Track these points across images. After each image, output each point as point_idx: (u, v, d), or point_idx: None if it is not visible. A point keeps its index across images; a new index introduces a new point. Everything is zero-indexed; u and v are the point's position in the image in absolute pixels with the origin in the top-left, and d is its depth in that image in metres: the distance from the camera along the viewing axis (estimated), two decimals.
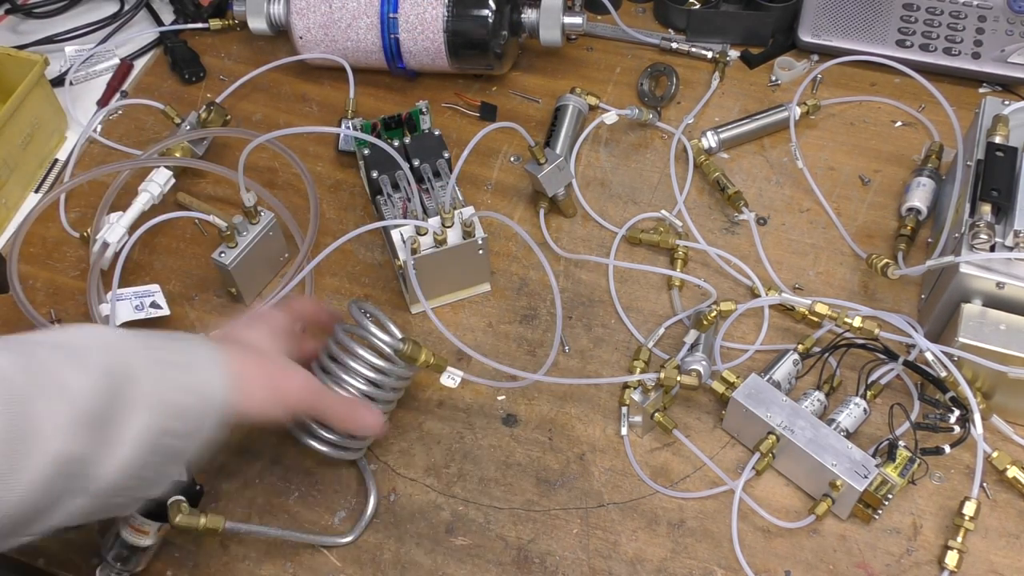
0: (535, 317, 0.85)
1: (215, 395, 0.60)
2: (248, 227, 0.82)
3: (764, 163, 0.95)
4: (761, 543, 0.72)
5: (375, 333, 0.70)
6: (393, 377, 0.71)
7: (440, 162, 0.84)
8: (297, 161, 0.87)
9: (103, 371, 0.55)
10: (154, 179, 0.87)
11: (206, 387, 0.60)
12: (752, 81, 1.02)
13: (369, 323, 0.71)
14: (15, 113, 0.91)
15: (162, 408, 0.57)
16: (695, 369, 0.76)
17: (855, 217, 0.90)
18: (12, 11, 1.09)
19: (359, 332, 0.71)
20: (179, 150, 0.88)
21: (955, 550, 0.70)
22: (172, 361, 0.59)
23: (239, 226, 0.81)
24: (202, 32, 1.07)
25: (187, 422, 0.59)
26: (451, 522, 0.74)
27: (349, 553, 0.73)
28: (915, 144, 0.95)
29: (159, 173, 0.87)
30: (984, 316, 0.73)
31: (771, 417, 0.72)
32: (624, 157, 0.96)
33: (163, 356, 0.59)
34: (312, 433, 0.70)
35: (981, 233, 0.72)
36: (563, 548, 0.73)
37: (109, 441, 0.54)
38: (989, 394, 0.75)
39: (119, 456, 0.55)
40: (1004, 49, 0.97)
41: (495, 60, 0.97)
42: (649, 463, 0.76)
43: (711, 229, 0.90)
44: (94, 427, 0.53)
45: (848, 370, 0.79)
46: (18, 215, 0.94)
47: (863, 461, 0.69)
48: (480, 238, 0.79)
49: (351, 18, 0.95)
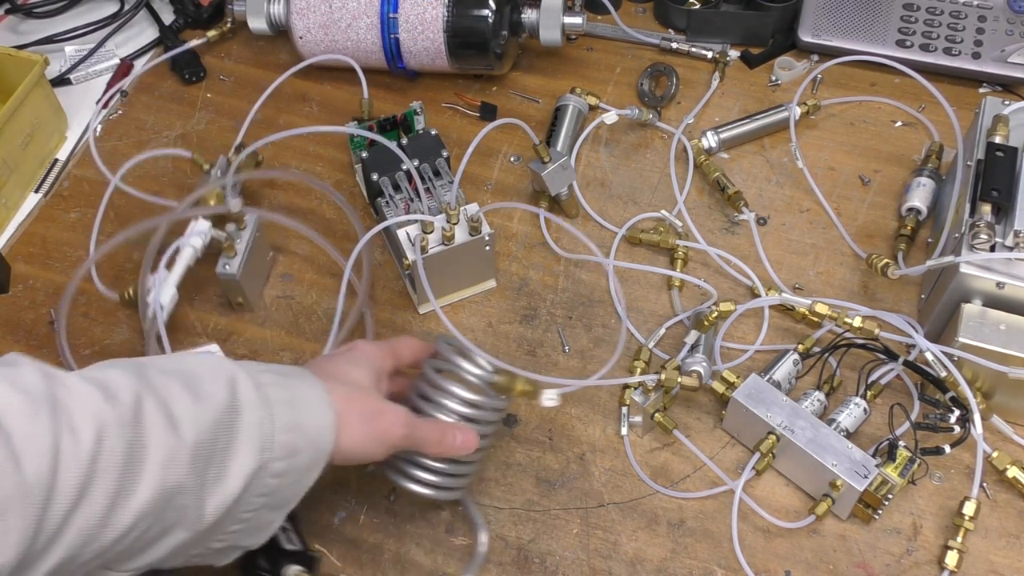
0: (535, 317, 0.85)
1: (324, 437, 0.59)
2: (240, 234, 0.82)
3: (764, 163, 0.95)
4: (761, 543, 0.72)
5: (467, 368, 0.68)
6: (488, 410, 0.69)
7: (440, 161, 0.84)
8: (336, 195, 0.86)
9: (214, 401, 0.54)
10: (195, 232, 0.81)
11: (313, 428, 0.59)
12: (752, 81, 1.02)
13: (461, 359, 0.68)
14: (15, 113, 0.91)
15: (268, 445, 0.56)
16: (695, 370, 0.76)
17: (855, 217, 0.90)
18: (12, 11, 1.09)
19: (450, 368, 0.69)
20: (213, 197, 0.85)
21: (955, 550, 0.70)
22: (280, 398, 0.58)
23: (233, 234, 0.81)
24: (202, 33, 1.08)
25: (292, 462, 0.57)
26: (451, 522, 0.74)
27: (349, 553, 0.73)
28: (915, 144, 0.96)
29: (199, 224, 0.82)
30: (984, 316, 0.73)
31: (771, 417, 0.72)
32: (624, 157, 0.96)
33: (272, 393, 0.58)
34: (411, 476, 0.68)
35: (981, 233, 0.72)
36: (563, 548, 0.73)
37: (215, 474, 0.53)
38: (989, 394, 0.75)
39: (224, 490, 0.54)
40: (1004, 49, 0.97)
41: (495, 60, 0.97)
42: (649, 463, 0.77)
43: (711, 229, 0.90)
44: (202, 458, 0.53)
45: (848, 370, 0.79)
46: (18, 215, 0.94)
47: (863, 461, 0.69)
48: (487, 234, 0.79)
49: (351, 18, 0.95)
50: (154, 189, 0.94)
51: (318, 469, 0.60)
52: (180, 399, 0.53)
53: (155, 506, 0.50)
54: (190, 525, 0.53)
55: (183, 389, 0.54)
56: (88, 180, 0.96)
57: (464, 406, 0.68)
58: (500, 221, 0.91)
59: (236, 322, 0.85)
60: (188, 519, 0.53)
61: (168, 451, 0.51)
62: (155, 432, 0.51)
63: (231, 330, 0.84)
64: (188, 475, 0.52)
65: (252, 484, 0.55)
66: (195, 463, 0.52)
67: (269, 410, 0.56)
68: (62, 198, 0.95)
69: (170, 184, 0.95)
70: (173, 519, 0.52)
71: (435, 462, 0.68)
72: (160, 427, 0.51)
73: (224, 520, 0.55)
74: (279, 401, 0.57)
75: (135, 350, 0.83)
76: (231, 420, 0.54)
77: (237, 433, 0.54)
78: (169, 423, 0.52)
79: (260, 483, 0.56)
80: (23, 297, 0.87)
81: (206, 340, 0.84)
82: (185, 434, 0.52)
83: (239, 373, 0.57)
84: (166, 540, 0.53)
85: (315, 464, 0.59)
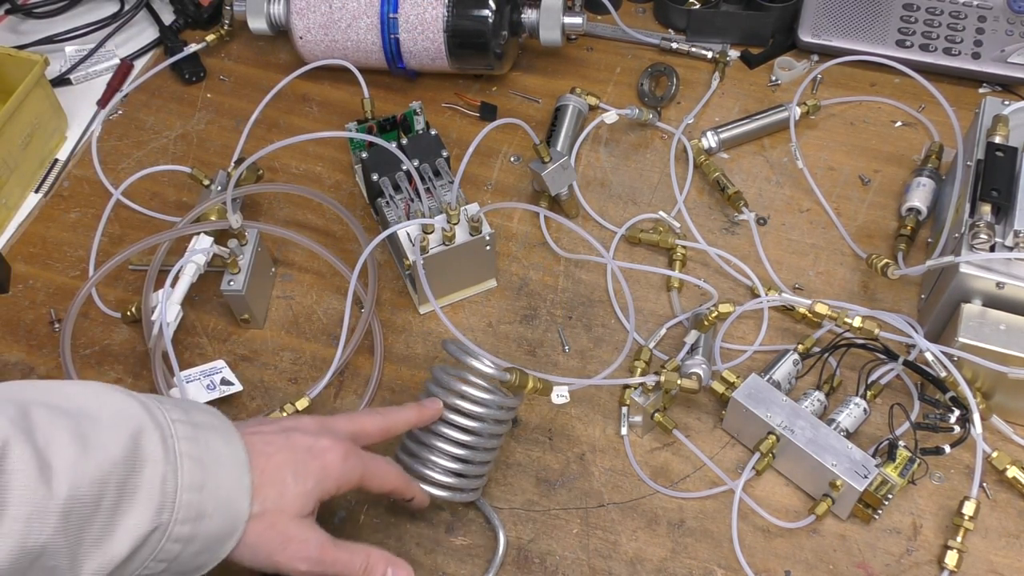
0: (535, 317, 0.85)
1: (237, 503, 0.54)
2: (243, 249, 0.81)
3: (764, 163, 0.95)
4: (761, 543, 0.72)
5: (479, 369, 0.68)
6: (501, 410, 0.69)
7: (439, 161, 0.84)
8: (339, 207, 0.85)
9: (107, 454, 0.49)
10: (197, 248, 0.81)
11: (225, 491, 0.53)
12: (752, 81, 1.02)
13: (471, 359, 0.68)
14: (15, 113, 0.91)
15: (169, 505, 0.50)
16: (695, 373, 0.76)
17: (855, 217, 0.90)
18: (12, 11, 1.09)
19: (460, 372, 0.69)
20: (214, 213, 0.84)
21: (955, 550, 0.70)
22: (189, 454, 0.52)
23: (235, 250, 0.80)
24: (203, 31, 1.08)
25: (198, 528, 0.52)
26: (451, 522, 0.74)
27: None
28: (915, 144, 0.96)
29: (201, 241, 0.81)
30: (984, 316, 0.73)
31: (771, 417, 0.72)
32: (624, 157, 0.96)
33: (181, 447, 0.52)
34: (424, 478, 0.68)
35: (981, 233, 0.72)
36: (563, 548, 0.73)
37: (97, 535, 0.48)
38: (989, 394, 0.75)
39: (107, 553, 0.48)
40: (1004, 49, 0.97)
41: (495, 60, 0.97)
42: (649, 463, 0.77)
43: (711, 229, 0.90)
44: (79, 515, 0.47)
45: (848, 370, 0.79)
46: (18, 215, 0.94)
47: (863, 461, 0.69)
48: (488, 234, 0.79)
49: (351, 18, 0.95)
50: (154, 190, 0.94)
51: (232, 540, 0.54)
52: (62, 448, 0.48)
53: (15, 567, 0.45)
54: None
55: (70, 436, 0.48)
56: (88, 180, 0.96)
57: (478, 407, 0.68)
58: (500, 221, 0.91)
59: (236, 323, 0.84)
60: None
61: (33, 506, 0.45)
62: (19, 483, 0.45)
63: (231, 331, 0.84)
64: (57, 534, 0.46)
65: (144, 548, 0.50)
66: (67, 521, 0.47)
67: (175, 468, 0.51)
68: (62, 198, 0.95)
69: (170, 184, 0.95)
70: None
71: (449, 462, 0.69)
72: (27, 478, 0.46)
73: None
74: (187, 457, 0.52)
75: (135, 349, 0.83)
76: (125, 475, 0.49)
77: (134, 490, 0.49)
78: (40, 474, 0.46)
79: (157, 547, 0.50)
80: (23, 297, 0.87)
81: (206, 340, 0.84)
82: (58, 488, 0.46)
83: (147, 421, 0.52)
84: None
85: (228, 534, 0.54)
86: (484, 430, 0.69)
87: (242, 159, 0.91)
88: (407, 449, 0.70)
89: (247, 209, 0.92)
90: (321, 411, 0.79)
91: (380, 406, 0.80)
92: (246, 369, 0.82)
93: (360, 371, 0.82)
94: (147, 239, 0.82)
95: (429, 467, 0.69)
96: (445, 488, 0.69)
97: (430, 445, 0.69)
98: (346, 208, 0.85)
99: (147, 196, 0.93)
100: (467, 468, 0.69)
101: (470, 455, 0.69)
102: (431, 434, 0.69)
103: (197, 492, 0.52)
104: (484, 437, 0.69)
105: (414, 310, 0.86)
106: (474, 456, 0.69)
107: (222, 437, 0.56)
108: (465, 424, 0.68)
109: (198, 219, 0.84)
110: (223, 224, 0.81)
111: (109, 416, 0.51)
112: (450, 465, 0.69)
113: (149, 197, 0.93)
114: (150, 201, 0.93)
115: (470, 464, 0.70)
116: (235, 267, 0.80)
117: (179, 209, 0.92)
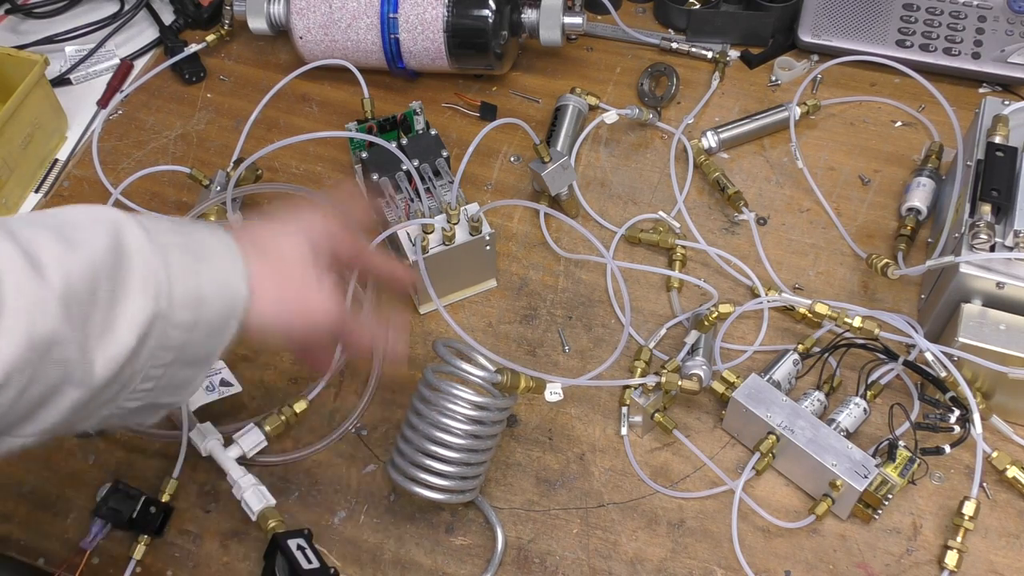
0: (535, 317, 0.85)
1: (234, 285, 0.54)
2: None
3: (764, 163, 0.95)
4: (761, 543, 0.72)
5: (469, 370, 0.68)
6: (494, 411, 0.70)
7: (439, 161, 0.84)
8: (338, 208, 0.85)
9: (90, 247, 0.49)
10: None
11: (220, 274, 0.54)
12: (752, 81, 1.02)
13: (462, 361, 0.68)
14: (15, 113, 0.91)
15: (164, 293, 0.50)
16: (696, 373, 0.76)
17: (855, 217, 0.90)
18: (12, 11, 1.09)
19: (451, 371, 0.69)
20: (213, 213, 0.83)
21: (955, 550, 0.70)
22: (175, 243, 0.52)
23: None
24: (203, 31, 1.08)
25: (199, 313, 0.52)
26: (451, 522, 0.74)
27: (349, 553, 0.73)
28: (915, 144, 0.96)
29: None
30: (984, 316, 0.73)
31: (771, 417, 0.72)
32: (624, 157, 0.96)
33: (166, 239, 0.52)
34: (419, 481, 0.69)
35: (981, 233, 0.72)
36: (563, 548, 0.73)
37: (100, 325, 0.48)
38: (989, 394, 0.75)
39: (114, 343, 0.49)
40: (1004, 49, 0.97)
41: (495, 60, 0.97)
42: (649, 463, 0.77)
43: (711, 229, 0.90)
44: (78, 305, 0.47)
45: (848, 370, 0.79)
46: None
47: (863, 461, 0.69)
48: (488, 234, 0.79)
49: (351, 18, 0.95)
50: (154, 190, 0.94)
51: (235, 322, 0.55)
52: (46, 245, 0.48)
53: (26, 359, 0.45)
54: (80, 382, 0.48)
55: (53, 237, 0.49)
56: (88, 180, 0.96)
57: (471, 408, 0.68)
58: (500, 221, 0.91)
59: None
60: (75, 375, 0.48)
61: (31, 297, 0.46)
62: (12, 279, 0.46)
63: None
64: (61, 324, 0.46)
65: (150, 336, 0.50)
66: (69, 311, 0.47)
67: (163, 256, 0.51)
68: (62, 198, 0.95)
69: (170, 184, 0.95)
70: (57, 375, 0.47)
71: (443, 465, 0.68)
72: (18, 272, 0.46)
73: (125, 376, 0.50)
74: (174, 246, 0.52)
75: None
76: (114, 267, 0.49)
77: (123, 281, 0.49)
78: (31, 268, 0.46)
79: (163, 336, 0.51)
80: None
81: None
82: (52, 279, 0.47)
83: (125, 220, 0.52)
84: (57, 400, 0.48)
85: (229, 316, 0.54)
86: (477, 431, 0.69)
87: (242, 159, 0.91)
88: (401, 452, 0.70)
89: (247, 209, 0.91)
90: (320, 411, 0.80)
91: (380, 406, 0.80)
92: (246, 369, 0.82)
93: (360, 371, 0.82)
94: None
95: (423, 470, 0.69)
96: (440, 490, 0.69)
97: (423, 448, 0.69)
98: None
99: (147, 196, 0.93)
100: (462, 469, 0.69)
101: (464, 456, 0.69)
102: (424, 437, 0.69)
103: (192, 277, 0.52)
104: (478, 438, 0.69)
105: (414, 310, 0.85)
106: (469, 457, 0.69)
107: (205, 229, 0.56)
108: (457, 427, 0.68)
109: (198, 219, 0.84)
110: (223, 224, 0.81)
111: (87, 220, 0.51)
112: (444, 467, 0.69)
113: (149, 197, 0.93)
114: (150, 201, 0.93)
115: (465, 465, 0.69)
116: None
117: (179, 209, 0.92)
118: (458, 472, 0.69)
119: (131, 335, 0.49)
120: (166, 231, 0.53)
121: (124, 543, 0.73)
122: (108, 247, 0.50)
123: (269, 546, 0.69)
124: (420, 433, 0.69)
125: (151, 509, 0.72)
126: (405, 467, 0.69)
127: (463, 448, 0.69)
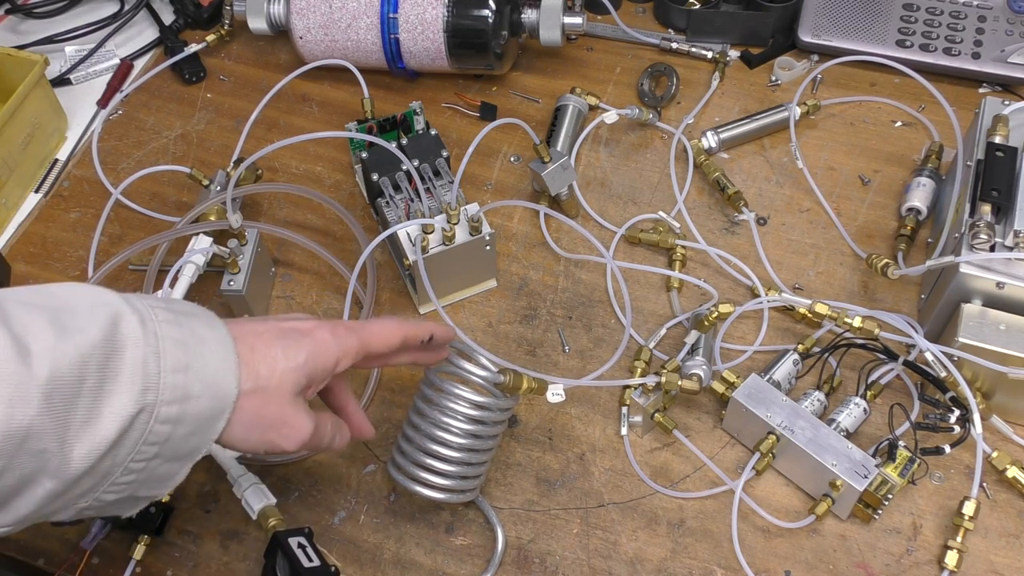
0: (535, 317, 0.85)
1: (224, 381, 0.54)
2: (243, 249, 0.81)
3: (764, 163, 0.95)
4: (761, 543, 0.72)
5: (471, 370, 0.68)
6: (496, 411, 0.70)
7: (439, 161, 0.84)
8: (339, 207, 0.85)
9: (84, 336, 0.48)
10: (197, 248, 0.81)
11: (211, 370, 0.53)
12: (752, 81, 1.02)
13: (464, 362, 0.68)
14: (15, 113, 0.91)
15: (153, 386, 0.50)
16: (696, 373, 0.76)
17: (855, 217, 0.90)
18: (12, 11, 1.09)
19: (453, 372, 0.69)
20: (213, 213, 0.84)
21: (955, 550, 0.70)
22: (171, 336, 0.52)
23: (235, 250, 0.80)
24: (203, 31, 1.08)
25: (186, 408, 0.52)
26: (451, 522, 0.74)
27: (349, 553, 0.73)
28: (915, 144, 0.96)
29: (200, 241, 0.81)
30: (984, 316, 0.73)
31: (771, 417, 0.72)
32: (624, 157, 0.96)
33: (162, 330, 0.52)
34: (420, 480, 0.69)
35: (981, 233, 0.72)
36: (563, 548, 0.73)
37: (83, 417, 0.48)
38: (989, 394, 0.75)
39: (95, 435, 0.48)
40: (1004, 49, 0.97)
41: (495, 60, 0.97)
42: (649, 463, 0.77)
43: (711, 229, 0.90)
44: (62, 396, 0.47)
45: (848, 370, 0.79)
46: (18, 215, 0.94)
47: (863, 461, 0.69)
48: (488, 234, 0.79)
49: (351, 18, 0.95)
50: (154, 190, 0.94)
51: (222, 419, 0.54)
52: (39, 332, 0.47)
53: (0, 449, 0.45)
54: (55, 473, 0.48)
55: (47, 322, 0.48)
56: (88, 180, 0.96)
57: (472, 409, 0.68)
58: (500, 221, 0.91)
59: None
60: (51, 466, 0.47)
61: (13, 387, 0.45)
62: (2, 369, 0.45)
63: None
64: (42, 415, 0.46)
65: (133, 430, 0.49)
66: (51, 401, 0.46)
67: (156, 349, 0.51)
68: (62, 198, 0.95)
69: (170, 184, 0.95)
70: (32, 466, 0.47)
71: (444, 464, 0.68)
72: (4, 359, 0.45)
73: (104, 469, 0.50)
74: (169, 339, 0.51)
75: None
76: (105, 357, 0.49)
77: (116, 372, 0.49)
78: (19, 356, 0.46)
79: (146, 430, 0.50)
80: None
81: None
82: (38, 369, 0.46)
83: (124, 307, 0.51)
84: (31, 490, 0.48)
85: (217, 413, 0.54)
86: (479, 431, 0.69)
87: (242, 159, 0.91)
88: (403, 451, 0.70)
89: (247, 209, 0.92)
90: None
91: (380, 406, 0.80)
92: None
93: (359, 371, 0.82)
94: (147, 239, 0.82)
95: (424, 469, 0.69)
96: (441, 490, 0.69)
97: (425, 448, 0.69)
98: (346, 208, 0.85)
99: (147, 196, 0.93)
100: (463, 469, 0.69)
101: (466, 456, 0.69)
102: (425, 436, 0.69)
103: (182, 373, 0.52)
104: (479, 438, 0.69)
105: (414, 310, 0.86)
106: (470, 457, 0.69)
107: (204, 322, 0.55)
108: (459, 427, 0.68)
109: (198, 219, 0.84)
110: (223, 224, 0.81)
111: (86, 305, 0.50)
112: (445, 467, 0.69)
113: (149, 197, 0.93)
114: (150, 201, 0.93)
115: (466, 465, 0.69)
116: (235, 267, 0.80)
117: (179, 209, 0.92)
118: (459, 472, 0.69)
119: (114, 428, 0.49)
120: (164, 321, 0.52)
121: (124, 543, 0.73)
122: (103, 338, 0.49)
123: (270, 544, 0.69)
124: (422, 432, 0.69)
125: (151, 509, 0.72)
126: (406, 466, 0.69)
127: (464, 448, 0.69)
